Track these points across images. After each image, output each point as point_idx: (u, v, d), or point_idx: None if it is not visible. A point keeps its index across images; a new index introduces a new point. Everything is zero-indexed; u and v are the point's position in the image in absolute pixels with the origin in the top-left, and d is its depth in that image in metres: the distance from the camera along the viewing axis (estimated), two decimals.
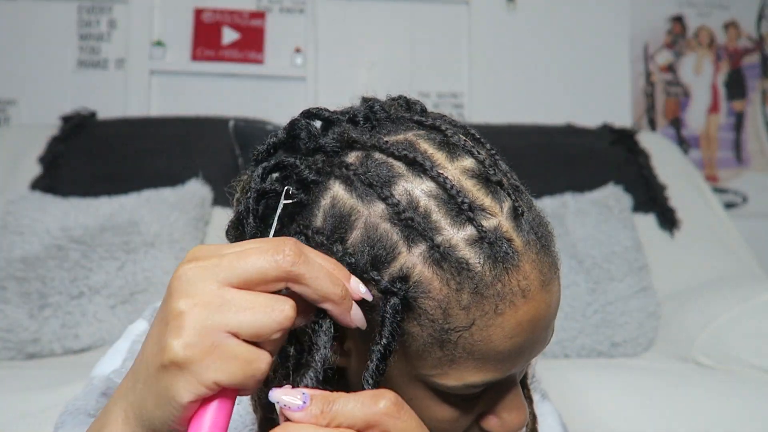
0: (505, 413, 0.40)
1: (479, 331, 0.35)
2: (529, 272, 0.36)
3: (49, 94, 1.83)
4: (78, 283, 1.14)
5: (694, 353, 1.09)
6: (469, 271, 0.35)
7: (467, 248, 0.35)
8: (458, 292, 0.35)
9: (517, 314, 0.36)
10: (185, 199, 1.30)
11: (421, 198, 0.36)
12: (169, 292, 0.31)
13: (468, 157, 0.38)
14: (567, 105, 1.96)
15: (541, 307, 0.37)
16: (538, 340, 0.38)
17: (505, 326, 0.36)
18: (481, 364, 0.36)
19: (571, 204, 1.35)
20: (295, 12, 1.96)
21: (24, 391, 0.84)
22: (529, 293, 0.36)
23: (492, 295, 0.35)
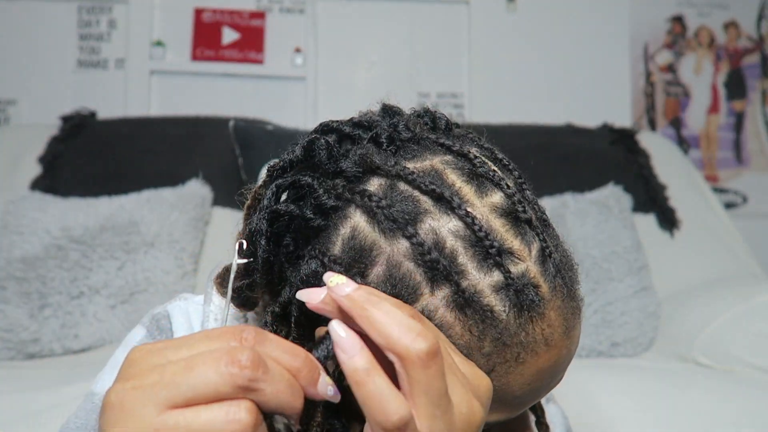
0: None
1: (498, 378, 0.34)
2: (554, 320, 0.35)
3: (49, 94, 1.83)
4: (78, 283, 1.14)
5: (694, 353, 1.09)
6: (494, 319, 0.33)
7: (493, 295, 0.34)
8: (480, 340, 0.34)
9: (538, 362, 0.35)
10: (185, 199, 1.30)
11: (447, 238, 0.34)
12: (101, 422, 0.26)
13: (497, 191, 0.36)
14: (567, 105, 1.96)
15: (562, 353, 0.36)
16: (555, 381, 0.37)
17: (525, 374, 0.35)
18: (496, 407, 0.35)
19: (571, 204, 1.34)
20: (295, 12, 1.96)
21: (24, 391, 0.84)
22: (552, 341, 0.35)
23: (515, 344, 0.34)
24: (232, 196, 1.59)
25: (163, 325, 0.47)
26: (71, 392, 0.82)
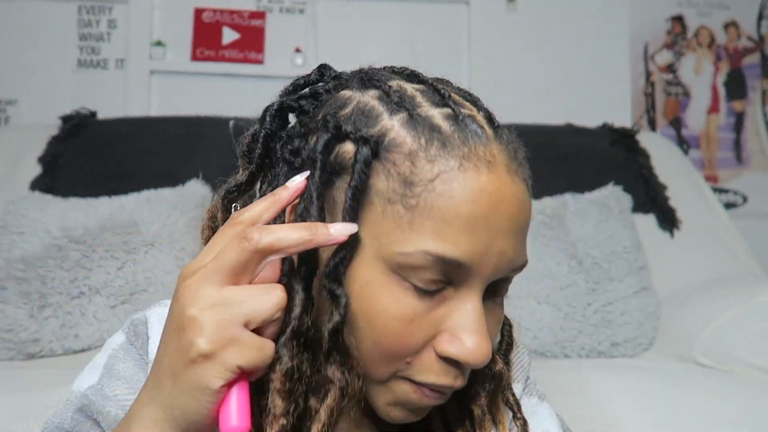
0: (464, 334, 0.39)
1: (441, 185, 0.38)
2: (497, 154, 0.40)
3: (49, 94, 1.83)
4: (78, 283, 1.14)
5: (694, 353, 1.09)
6: (440, 132, 0.39)
7: (442, 119, 0.40)
8: (427, 145, 0.38)
9: (481, 180, 0.38)
10: (185, 199, 1.30)
11: (409, 89, 0.42)
12: (178, 305, 0.36)
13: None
14: (567, 105, 1.96)
15: (506, 190, 0.39)
16: (499, 230, 0.38)
17: (467, 186, 0.38)
18: (440, 229, 0.37)
19: (571, 204, 1.34)
20: (295, 12, 1.96)
21: (24, 391, 0.84)
22: (494, 167, 0.39)
23: (457, 155, 0.38)
24: None
25: (139, 330, 0.49)
26: None
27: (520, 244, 0.41)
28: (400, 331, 0.38)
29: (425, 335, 0.39)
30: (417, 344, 0.39)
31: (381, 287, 0.39)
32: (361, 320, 0.39)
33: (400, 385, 0.41)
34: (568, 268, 1.23)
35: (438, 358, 0.40)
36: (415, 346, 0.39)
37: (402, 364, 0.40)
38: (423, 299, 0.39)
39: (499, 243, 0.39)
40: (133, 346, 0.48)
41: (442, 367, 0.40)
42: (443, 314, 0.39)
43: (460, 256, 0.37)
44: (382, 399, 0.42)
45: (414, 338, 0.39)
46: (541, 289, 1.20)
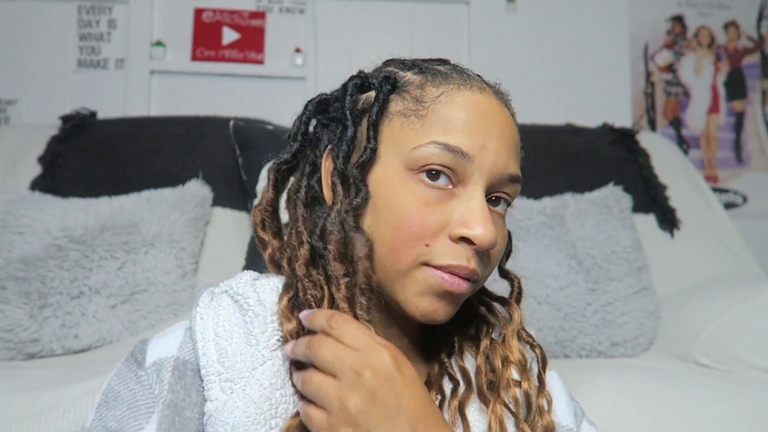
0: (473, 219, 0.48)
1: (445, 98, 0.50)
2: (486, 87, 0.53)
3: (49, 94, 1.83)
4: (78, 283, 1.14)
5: (694, 353, 1.09)
6: (442, 73, 0.53)
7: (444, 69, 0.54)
8: (432, 78, 0.52)
9: (474, 96, 0.51)
10: (185, 199, 1.30)
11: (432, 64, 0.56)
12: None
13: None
14: (567, 105, 1.96)
15: (496, 108, 0.51)
16: (493, 134, 0.50)
17: (465, 99, 0.50)
18: (445, 126, 0.49)
19: (571, 204, 1.34)
20: (295, 12, 1.96)
21: (24, 391, 0.84)
22: (485, 91, 0.52)
23: (456, 82, 0.52)
24: (232, 196, 1.59)
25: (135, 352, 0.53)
26: (71, 392, 0.82)
27: (512, 155, 0.52)
28: (416, 212, 0.48)
29: (439, 220, 0.48)
30: (432, 226, 0.48)
31: (400, 182, 0.49)
32: (385, 211, 0.49)
33: (422, 272, 0.49)
34: (568, 268, 1.23)
35: (451, 242, 0.49)
36: (430, 227, 0.48)
37: (422, 247, 0.48)
38: (434, 190, 0.49)
39: (493, 143, 0.50)
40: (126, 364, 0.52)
41: (456, 249, 0.48)
42: (454, 206, 0.49)
43: (461, 144, 0.48)
44: (409, 291, 0.50)
45: (428, 220, 0.48)
46: (541, 289, 1.20)
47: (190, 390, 0.49)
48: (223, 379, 0.47)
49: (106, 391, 0.50)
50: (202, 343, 0.49)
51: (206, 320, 0.51)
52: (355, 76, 0.56)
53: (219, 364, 0.48)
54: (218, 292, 0.53)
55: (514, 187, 0.53)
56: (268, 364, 0.48)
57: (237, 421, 0.45)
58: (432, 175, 0.49)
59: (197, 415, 0.48)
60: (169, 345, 0.52)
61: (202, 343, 0.49)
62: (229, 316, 0.51)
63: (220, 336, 0.49)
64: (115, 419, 0.48)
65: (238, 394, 0.46)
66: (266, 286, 0.53)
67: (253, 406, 0.46)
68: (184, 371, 0.49)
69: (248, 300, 0.51)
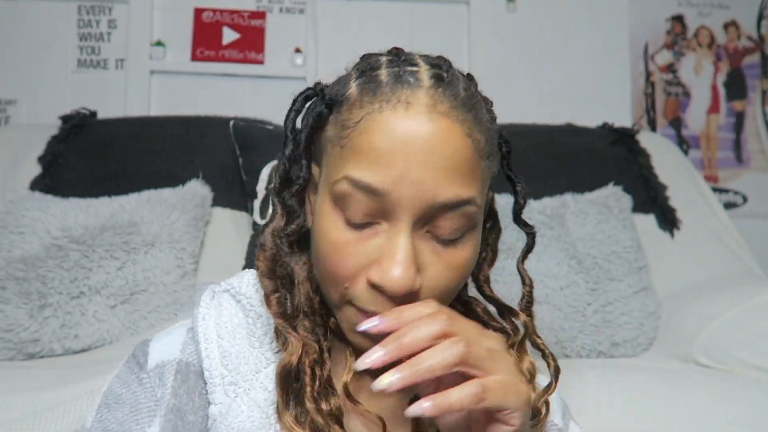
0: (387, 262, 0.43)
1: (363, 124, 0.44)
2: (421, 97, 0.44)
3: (49, 94, 1.83)
4: (78, 283, 1.14)
5: (694, 353, 1.09)
6: (377, 84, 0.45)
7: (386, 75, 0.46)
8: (363, 95, 0.45)
9: (394, 116, 0.43)
10: (185, 199, 1.30)
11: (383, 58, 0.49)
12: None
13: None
14: (567, 105, 1.96)
15: (422, 127, 0.43)
16: (414, 161, 0.42)
17: (382, 124, 0.43)
18: (358, 159, 0.43)
19: (571, 204, 1.34)
20: (295, 12, 1.96)
21: (24, 391, 0.84)
22: (411, 107, 0.43)
23: (381, 99, 0.44)
24: (232, 196, 1.59)
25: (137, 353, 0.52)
26: (71, 392, 0.82)
27: (446, 177, 0.43)
28: (333, 255, 0.45)
29: (356, 263, 0.44)
30: (349, 269, 0.44)
31: (326, 216, 0.46)
32: (317, 246, 0.47)
33: (348, 309, 0.46)
34: (568, 268, 1.23)
35: (369, 286, 0.44)
36: (347, 271, 0.44)
37: (342, 288, 0.45)
38: (354, 230, 0.44)
39: (413, 172, 0.42)
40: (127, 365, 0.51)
41: (372, 294, 0.44)
42: (375, 245, 0.44)
43: (373, 181, 0.42)
44: (344, 325, 0.47)
45: (345, 263, 0.44)
46: (541, 289, 1.20)
47: (193, 394, 0.48)
48: (227, 383, 0.46)
49: (107, 393, 0.50)
50: (205, 344, 0.48)
51: (208, 321, 0.50)
52: (310, 87, 0.52)
53: (222, 367, 0.47)
54: (219, 291, 0.52)
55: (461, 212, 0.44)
56: (272, 367, 0.47)
57: (241, 426, 0.45)
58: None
59: (200, 419, 0.47)
60: (171, 346, 0.51)
61: (205, 345, 0.48)
62: (231, 317, 0.50)
63: (223, 337, 0.48)
64: (117, 422, 0.47)
65: (242, 398, 0.46)
66: None
67: (258, 410, 0.45)
68: (187, 374, 0.48)
69: (251, 300, 0.50)
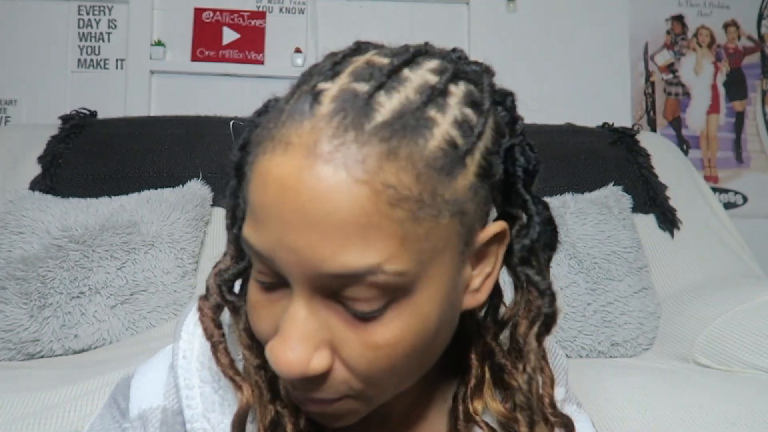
0: (278, 337, 0.34)
1: (249, 172, 0.36)
2: (306, 132, 0.33)
3: (49, 94, 1.83)
4: (78, 283, 1.14)
5: (694, 353, 1.09)
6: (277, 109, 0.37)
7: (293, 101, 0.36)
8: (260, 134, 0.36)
9: (270, 164, 0.33)
10: (185, 199, 1.30)
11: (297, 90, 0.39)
12: None
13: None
14: (567, 105, 1.96)
15: (296, 176, 0.32)
16: (288, 222, 0.32)
17: (258, 171, 0.34)
18: (248, 217, 0.35)
19: (571, 204, 1.34)
20: (295, 12, 1.96)
21: (24, 391, 0.84)
22: (291, 148, 0.33)
23: (266, 137, 0.35)
24: None
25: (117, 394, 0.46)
26: (71, 392, 0.82)
27: (326, 243, 0.32)
28: (251, 315, 0.38)
29: (267, 325, 0.36)
30: (262, 332, 0.37)
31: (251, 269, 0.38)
32: None
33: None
34: (568, 268, 1.23)
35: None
36: (261, 333, 0.37)
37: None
38: (264, 292, 0.37)
39: (289, 237, 0.32)
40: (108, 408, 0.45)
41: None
42: (281, 310, 0.36)
43: (255, 242, 0.34)
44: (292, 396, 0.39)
45: (258, 325, 0.37)
46: None
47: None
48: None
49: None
50: (185, 391, 0.41)
51: (190, 359, 0.43)
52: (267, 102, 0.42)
53: (204, 420, 0.40)
54: None
55: (366, 283, 0.33)
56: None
57: None
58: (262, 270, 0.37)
59: None
60: (153, 390, 0.44)
61: (186, 392, 0.41)
62: None
63: (206, 382, 0.42)
64: None
65: None
66: None
67: None
68: (174, 425, 0.42)
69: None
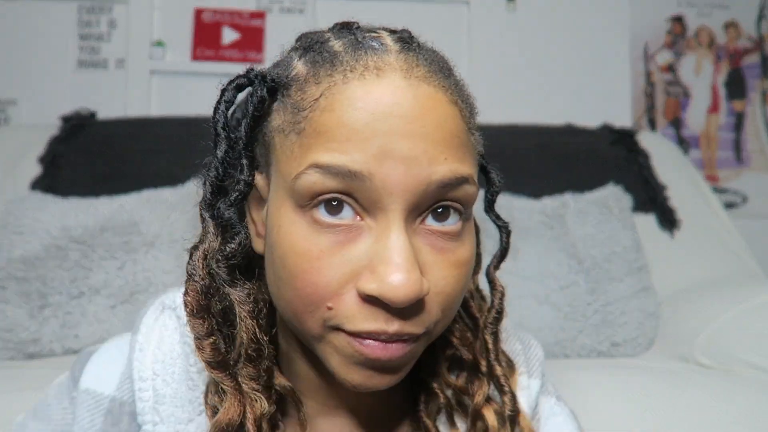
0: (383, 267, 0.34)
1: (325, 101, 0.36)
2: (393, 61, 0.37)
3: (49, 94, 1.83)
4: (78, 283, 1.14)
5: (694, 353, 1.09)
6: (332, 54, 0.38)
7: (340, 45, 0.39)
8: (316, 69, 0.38)
9: (366, 86, 0.36)
10: (185, 199, 1.30)
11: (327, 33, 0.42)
12: None
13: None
14: (567, 105, 1.96)
15: (401, 93, 0.35)
16: (398, 133, 0.35)
17: (349, 95, 0.35)
18: (326, 141, 0.35)
19: (571, 204, 1.34)
20: (295, 12, 1.96)
21: (24, 391, 0.84)
22: (384, 73, 0.36)
23: (343, 69, 0.37)
24: None
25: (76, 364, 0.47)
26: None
27: (439, 150, 0.35)
28: (308, 268, 0.36)
29: (339, 273, 0.36)
30: (330, 284, 0.36)
31: (291, 226, 0.37)
32: (278, 264, 0.37)
33: (337, 338, 0.37)
34: (568, 268, 1.23)
35: (361, 301, 0.36)
36: (328, 286, 0.36)
37: (324, 310, 0.36)
38: (331, 232, 0.36)
39: (400, 146, 0.34)
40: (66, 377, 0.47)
41: (367, 310, 0.36)
42: (362, 248, 0.36)
43: (349, 162, 0.34)
44: (332, 360, 0.38)
45: (325, 276, 0.36)
46: (541, 289, 1.20)
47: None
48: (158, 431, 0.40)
49: (41, 399, 0.46)
50: (139, 383, 0.42)
51: (146, 352, 0.42)
52: (242, 74, 0.41)
53: (154, 412, 0.40)
54: (167, 307, 0.45)
55: (462, 191, 0.37)
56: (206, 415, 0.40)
57: None
58: (334, 207, 0.36)
59: None
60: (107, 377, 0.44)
61: (139, 384, 0.41)
62: (173, 345, 0.43)
63: (159, 374, 0.42)
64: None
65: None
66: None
67: None
68: (120, 416, 0.42)
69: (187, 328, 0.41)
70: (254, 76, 0.40)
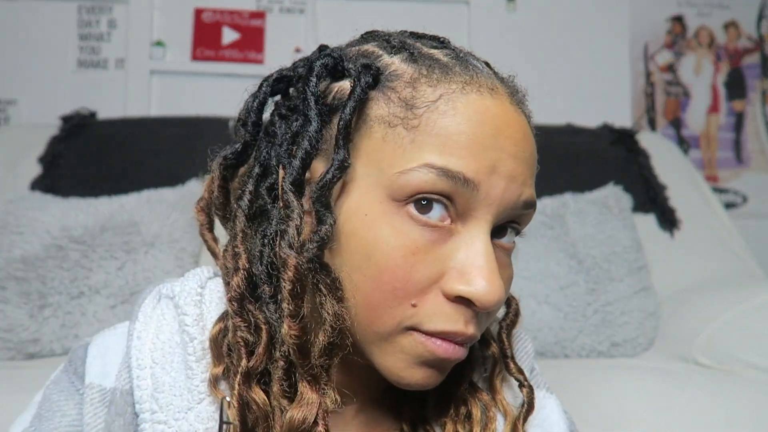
0: (474, 271, 0.36)
1: (444, 104, 0.37)
2: (498, 85, 0.40)
3: (49, 94, 1.83)
4: (78, 283, 1.14)
5: (694, 353, 1.09)
6: (442, 63, 0.40)
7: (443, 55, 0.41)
8: (429, 73, 0.39)
9: (485, 102, 0.38)
10: (185, 199, 1.30)
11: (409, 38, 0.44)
12: None
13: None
14: (567, 105, 1.96)
15: (511, 116, 0.39)
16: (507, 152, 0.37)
17: (470, 106, 0.37)
18: (443, 143, 0.36)
19: (571, 204, 1.34)
20: (295, 12, 1.96)
21: (24, 391, 0.84)
22: (497, 94, 0.39)
23: (459, 80, 0.39)
24: None
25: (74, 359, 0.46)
26: None
27: (528, 177, 0.39)
28: (401, 263, 0.36)
29: (430, 271, 0.36)
30: (421, 280, 0.36)
31: (381, 217, 0.37)
32: (359, 255, 0.37)
33: (407, 339, 0.37)
34: (568, 268, 1.23)
35: (446, 301, 0.37)
36: (419, 283, 0.36)
37: (407, 307, 0.36)
38: (425, 230, 0.36)
39: (507, 164, 0.37)
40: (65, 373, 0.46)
41: (451, 309, 0.37)
42: (450, 250, 0.37)
43: (464, 169, 0.36)
44: (391, 359, 0.38)
45: (418, 273, 0.36)
46: (541, 289, 1.20)
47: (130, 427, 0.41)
48: (156, 420, 0.39)
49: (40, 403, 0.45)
50: (137, 371, 0.41)
51: (144, 340, 0.42)
52: (327, 53, 0.41)
53: (153, 401, 0.40)
54: (164, 296, 0.45)
55: (528, 214, 0.41)
56: (205, 404, 0.40)
57: None
58: (423, 206, 0.36)
59: None
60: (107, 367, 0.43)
61: (138, 372, 0.41)
62: (172, 334, 0.42)
63: (158, 362, 0.41)
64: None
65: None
66: (215, 294, 0.43)
67: None
68: (123, 406, 0.42)
69: (186, 317, 0.42)
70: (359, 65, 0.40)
